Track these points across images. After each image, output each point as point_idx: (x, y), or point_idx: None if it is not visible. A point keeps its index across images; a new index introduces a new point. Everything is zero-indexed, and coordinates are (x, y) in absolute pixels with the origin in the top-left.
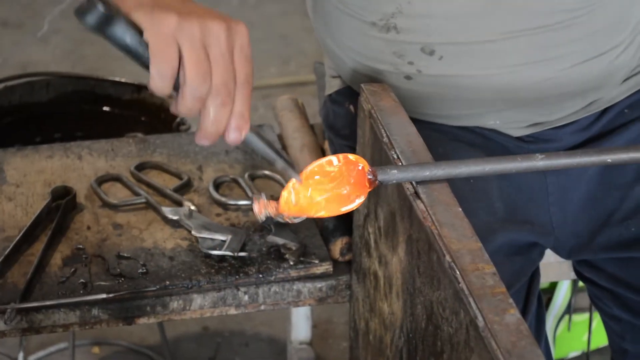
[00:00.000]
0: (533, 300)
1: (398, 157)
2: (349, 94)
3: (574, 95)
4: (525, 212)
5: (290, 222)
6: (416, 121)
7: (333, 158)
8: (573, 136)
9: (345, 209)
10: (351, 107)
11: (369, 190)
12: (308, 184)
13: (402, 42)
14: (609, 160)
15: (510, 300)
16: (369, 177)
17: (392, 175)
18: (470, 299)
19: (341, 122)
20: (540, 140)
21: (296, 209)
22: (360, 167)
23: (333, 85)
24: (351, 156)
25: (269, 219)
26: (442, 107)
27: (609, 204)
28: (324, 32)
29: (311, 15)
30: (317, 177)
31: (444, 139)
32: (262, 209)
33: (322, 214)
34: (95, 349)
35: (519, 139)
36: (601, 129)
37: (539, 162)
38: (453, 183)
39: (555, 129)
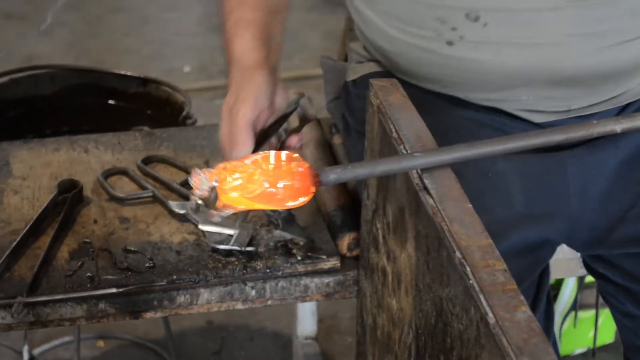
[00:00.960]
0: (542, 298)
1: (407, 153)
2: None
3: (609, 79)
4: (546, 203)
5: (219, 214)
6: (441, 98)
7: (282, 154)
8: None
9: (288, 204)
10: None
11: (314, 190)
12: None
13: (446, 6)
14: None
15: (521, 297)
16: (312, 177)
17: (333, 175)
18: (481, 296)
19: (362, 107)
20: None
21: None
22: (303, 168)
23: (358, 71)
24: (295, 155)
25: (204, 202)
26: (478, 77)
27: (626, 200)
28: (360, 1)
29: None
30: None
31: (461, 132)
32: (197, 183)
33: (258, 205)
34: (100, 343)
35: (538, 125)
36: None
37: (508, 144)
38: (467, 179)
39: (576, 119)
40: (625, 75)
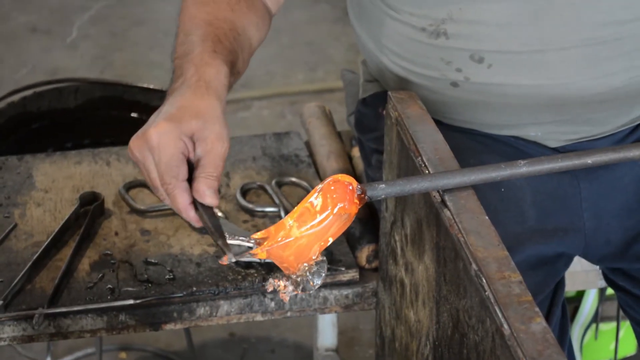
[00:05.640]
0: (556, 311)
1: (425, 165)
2: (382, 98)
3: (620, 113)
4: (558, 218)
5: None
6: (453, 128)
7: (312, 198)
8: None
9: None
10: (384, 112)
11: (359, 206)
12: (295, 231)
13: (451, 48)
14: (589, 162)
15: (537, 309)
16: (358, 193)
17: (380, 190)
18: (496, 307)
19: (373, 126)
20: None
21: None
22: (350, 188)
23: (367, 90)
24: (339, 176)
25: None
26: (485, 115)
27: None
28: (367, 36)
29: (353, 20)
30: (303, 218)
31: (478, 150)
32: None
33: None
34: (122, 355)
35: (554, 150)
36: (636, 140)
37: (522, 168)
38: (482, 193)
39: (592, 141)
40: (636, 106)
